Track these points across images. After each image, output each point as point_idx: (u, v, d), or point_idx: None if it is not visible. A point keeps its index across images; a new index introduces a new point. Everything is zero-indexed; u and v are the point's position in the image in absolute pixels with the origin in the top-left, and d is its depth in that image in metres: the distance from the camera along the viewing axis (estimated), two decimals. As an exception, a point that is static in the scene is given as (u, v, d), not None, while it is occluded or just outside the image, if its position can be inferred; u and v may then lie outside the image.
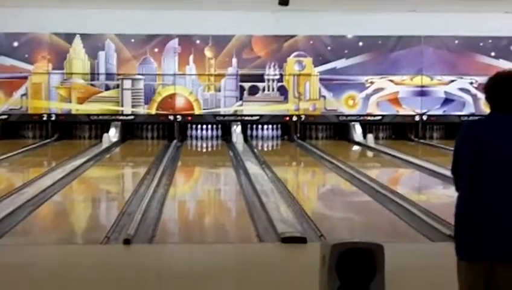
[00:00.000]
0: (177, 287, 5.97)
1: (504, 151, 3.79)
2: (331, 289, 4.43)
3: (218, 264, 6.73)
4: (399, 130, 21.32)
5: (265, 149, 19.68)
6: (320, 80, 20.91)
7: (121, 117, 20.65)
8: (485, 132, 3.86)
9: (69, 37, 20.54)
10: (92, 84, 20.75)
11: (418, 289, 5.87)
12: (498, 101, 3.87)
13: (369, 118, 21.01)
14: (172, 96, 20.77)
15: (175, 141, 19.64)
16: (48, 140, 20.12)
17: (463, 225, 3.92)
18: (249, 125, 20.96)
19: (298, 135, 20.76)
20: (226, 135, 20.61)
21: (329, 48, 20.99)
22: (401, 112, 21.09)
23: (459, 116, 20.85)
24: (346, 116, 20.95)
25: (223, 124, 21.01)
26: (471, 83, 21.02)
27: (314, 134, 21.29)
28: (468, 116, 20.83)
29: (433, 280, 5.98)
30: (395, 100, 21.09)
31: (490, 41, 21.16)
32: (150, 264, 6.75)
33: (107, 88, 20.74)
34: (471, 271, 3.90)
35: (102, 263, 6.83)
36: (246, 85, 20.87)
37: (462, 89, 21.08)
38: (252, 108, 20.90)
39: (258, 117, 20.85)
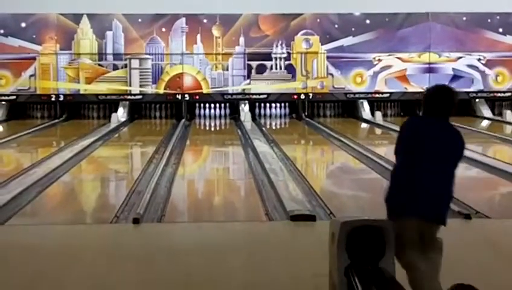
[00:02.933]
0: (187, 266, 5.98)
1: (433, 137, 4.75)
2: (340, 267, 4.44)
3: (228, 243, 6.74)
4: (407, 108, 21.24)
5: (274, 127, 19.66)
6: (328, 57, 20.86)
7: (129, 97, 20.67)
8: (423, 126, 4.84)
9: (76, 18, 20.53)
10: (99, 64, 20.74)
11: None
12: (432, 107, 4.82)
13: (377, 95, 20.97)
14: (180, 76, 20.76)
15: (183, 120, 19.66)
16: (56, 120, 20.16)
17: (403, 189, 4.74)
18: (257, 104, 20.95)
19: (306, 113, 20.74)
20: (234, 114, 20.61)
21: (336, 25, 20.91)
22: (409, 89, 21.02)
23: (468, 92, 20.80)
24: (354, 93, 20.91)
25: (231, 103, 21.01)
26: (479, 60, 20.94)
27: (322, 112, 21.27)
28: (476, 92, 20.80)
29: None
30: (403, 77, 21.03)
31: (498, 17, 21.05)
32: (159, 243, 6.77)
33: (115, 68, 20.74)
34: (409, 226, 4.58)
35: (112, 242, 6.85)
36: (254, 64, 20.84)
37: (470, 66, 21.00)
38: (259, 86, 20.87)
39: (265, 95, 20.83)
